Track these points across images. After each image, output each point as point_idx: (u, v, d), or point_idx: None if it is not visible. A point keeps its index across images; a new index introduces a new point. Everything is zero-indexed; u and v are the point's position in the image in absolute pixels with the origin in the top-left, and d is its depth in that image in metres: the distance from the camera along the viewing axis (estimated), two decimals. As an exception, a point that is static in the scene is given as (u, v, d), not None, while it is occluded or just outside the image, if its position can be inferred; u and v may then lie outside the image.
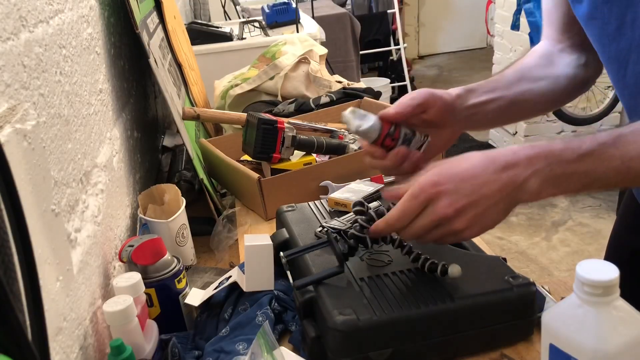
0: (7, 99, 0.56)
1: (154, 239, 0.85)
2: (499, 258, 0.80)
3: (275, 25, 2.64)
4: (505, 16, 3.84)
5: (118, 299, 0.72)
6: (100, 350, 0.75)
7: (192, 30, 2.14)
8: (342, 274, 0.76)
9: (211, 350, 0.76)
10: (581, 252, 2.78)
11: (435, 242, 0.68)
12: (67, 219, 0.70)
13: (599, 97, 3.59)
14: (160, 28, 1.49)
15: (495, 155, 0.65)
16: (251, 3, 3.78)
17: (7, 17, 0.59)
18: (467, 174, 0.64)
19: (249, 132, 1.23)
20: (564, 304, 0.53)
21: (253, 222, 1.17)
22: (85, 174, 0.81)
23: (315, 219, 0.94)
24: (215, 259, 1.08)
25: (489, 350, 0.73)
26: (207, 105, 1.83)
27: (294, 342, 0.79)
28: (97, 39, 1.02)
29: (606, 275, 0.49)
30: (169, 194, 1.07)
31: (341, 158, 1.23)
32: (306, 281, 0.76)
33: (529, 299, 0.73)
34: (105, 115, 0.99)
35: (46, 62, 0.70)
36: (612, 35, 0.75)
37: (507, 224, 3.09)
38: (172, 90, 1.34)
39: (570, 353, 0.52)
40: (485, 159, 0.65)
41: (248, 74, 1.72)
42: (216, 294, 0.87)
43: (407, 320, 0.69)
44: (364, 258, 0.79)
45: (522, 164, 0.63)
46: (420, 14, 6.23)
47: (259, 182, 1.13)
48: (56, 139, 0.70)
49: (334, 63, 3.19)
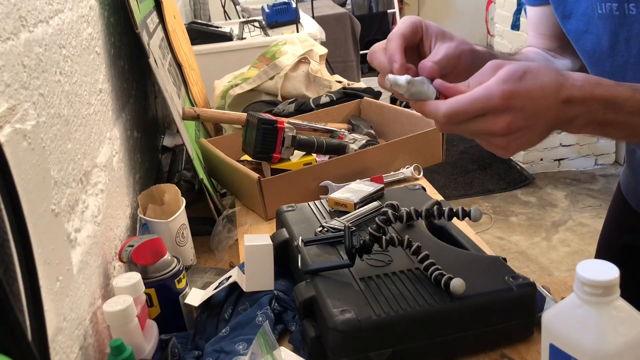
0: (7, 99, 0.56)
1: (154, 239, 0.85)
2: (499, 258, 0.80)
3: (275, 25, 2.64)
4: (506, 16, 3.84)
5: (118, 299, 0.72)
6: (100, 351, 0.75)
7: (192, 30, 2.14)
8: (342, 273, 0.76)
9: (211, 351, 0.76)
10: (581, 252, 2.78)
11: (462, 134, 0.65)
12: (67, 219, 0.70)
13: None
14: (160, 28, 1.49)
15: (564, 83, 0.60)
16: (251, 3, 3.78)
17: (7, 17, 0.59)
18: (536, 94, 0.59)
19: (249, 132, 1.23)
20: (564, 304, 0.53)
21: (253, 222, 1.17)
22: (85, 174, 0.81)
23: (315, 219, 0.94)
24: (215, 259, 1.08)
25: (489, 350, 0.73)
26: (207, 105, 1.83)
27: (294, 342, 0.79)
28: (97, 39, 1.02)
29: (606, 275, 0.49)
30: (169, 194, 1.07)
31: (341, 158, 1.23)
32: (315, 267, 0.77)
33: (529, 299, 0.73)
34: (105, 115, 0.99)
35: (46, 62, 0.70)
36: (606, 52, 0.75)
37: (507, 223, 3.09)
38: (172, 90, 1.34)
39: (570, 353, 0.52)
40: (555, 82, 0.60)
41: (248, 74, 1.72)
42: (216, 294, 0.87)
43: (407, 320, 0.69)
44: (364, 258, 0.79)
45: (582, 103, 0.60)
46: (420, 13, 6.22)
47: (259, 182, 1.13)
48: (56, 139, 0.70)
49: (334, 63, 3.19)
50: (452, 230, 0.89)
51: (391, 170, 1.27)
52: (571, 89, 0.60)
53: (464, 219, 0.79)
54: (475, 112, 0.60)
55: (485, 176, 3.61)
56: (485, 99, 0.59)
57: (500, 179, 3.55)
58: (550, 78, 0.60)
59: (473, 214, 0.77)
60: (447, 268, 0.74)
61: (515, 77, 0.59)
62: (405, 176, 1.26)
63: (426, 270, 0.75)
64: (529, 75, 0.60)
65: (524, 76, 0.60)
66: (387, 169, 1.26)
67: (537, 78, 0.60)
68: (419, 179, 1.26)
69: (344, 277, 0.76)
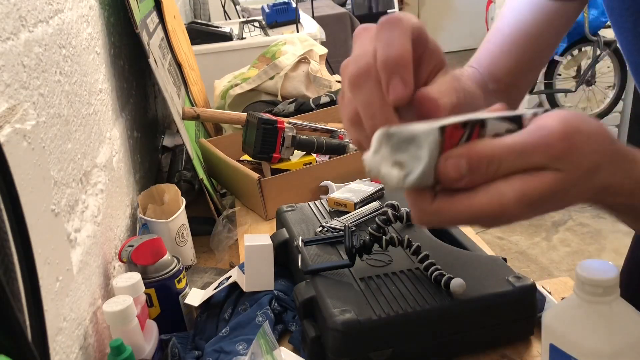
0: (6, 99, 0.56)
1: (153, 239, 0.85)
2: (499, 258, 0.79)
3: (275, 25, 2.64)
4: (505, 16, 3.83)
5: (118, 299, 0.72)
6: (100, 351, 0.75)
7: (192, 30, 2.14)
8: (342, 273, 0.76)
9: (211, 351, 0.76)
10: (581, 252, 2.78)
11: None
12: (66, 219, 0.70)
13: (599, 96, 3.59)
14: (160, 28, 1.49)
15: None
16: (251, 3, 3.78)
17: (6, 17, 0.59)
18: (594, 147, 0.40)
19: (249, 132, 1.23)
20: (564, 304, 0.53)
21: (253, 222, 1.17)
22: (85, 174, 0.81)
23: (315, 219, 0.94)
24: (215, 259, 1.08)
25: (489, 350, 0.73)
26: (207, 105, 1.83)
27: (294, 342, 0.79)
28: (97, 39, 1.02)
29: (606, 275, 0.49)
30: (168, 194, 1.07)
31: (341, 158, 1.23)
32: (315, 267, 0.77)
33: (530, 299, 0.73)
34: (105, 115, 0.99)
35: (46, 62, 0.70)
36: None
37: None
38: (172, 90, 1.34)
39: (570, 353, 0.52)
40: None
41: (248, 74, 1.72)
42: (216, 294, 0.87)
43: (408, 320, 0.69)
44: (364, 258, 0.79)
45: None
46: (420, 13, 6.23)
47: (259, 182, 1.13)
48: (56, 138, 0.70)
49: (334, 63, 3.18)
50: (452, 230, 0.89)
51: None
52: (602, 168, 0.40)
53: (464, 219, 0.78)
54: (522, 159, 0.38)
55: (485, 176, 3.60)
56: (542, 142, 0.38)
57: (500, 179, 3.55)
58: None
59: None
60: (447, 268, 0.73)
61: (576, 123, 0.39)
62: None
63: (426, 270, 0.75)
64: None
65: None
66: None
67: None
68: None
69: (344, 277, 0.76)
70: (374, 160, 0.38)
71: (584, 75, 3.50)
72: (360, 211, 0.95)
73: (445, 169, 0.37)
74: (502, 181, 0.38)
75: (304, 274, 0.78)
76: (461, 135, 0.38)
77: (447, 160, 0.38)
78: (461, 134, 0.38)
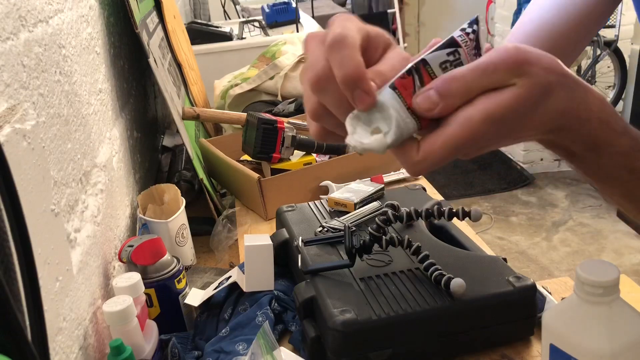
0: (6, 99, 0.56)
1: (153, 239, 0.85)
2: (500, 258, 0.79)
3: (275, 25, 2.64)
4: (506, 16, 3.84)
5: (118, 299, 0.72)
6: (100, 351, 0.75)
7: (192, 30, 2.14)
8: (342, 273, 0.76)
9: (211, 351, 0.76)
10: (581, 252, 2.78)
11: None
12: (66, 219, 0.70)
13: (599, 97, 3.58)
14: (160, 28, 1.49)
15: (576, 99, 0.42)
16: (251, 3, 3.79)
17: (6, 17, 0.59)
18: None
19: (249, 132, 1.23)
20: (564, 304, 0.53)
21: (253, 222, 1.17)
22: (84, 174, 0.81)
23: (315, 219, 0.94)
24: (215, 259, 1.08)
25: (489, 350, 0.73)
26: (207, 105, 1.83)
27: (294, 342, 0.79)
28: (97, 39, 1.01)
29: (606, 275, 0.49)
30: (168, 194, 1.07)
31: (341, 158, 1.23)
32: (315, 267, 0.77)
33: (530, 299, 0.73)
34: (104, 115, 0.99)
35: (46, 61, 0.70)
36: None
37: (508, 223, 3.09)
38: (172, 90, 1.34)
39: (570, 353, 0.51)
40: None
41: (248, 74, 1.72)
42: (216, 294, 0.87)
43: (408, 320, 0.69)
44: (364, 258, 0.79)
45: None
46: (420, 13, 6.22)
47: (259, 182, 1.13)
48: (55, 138, 0.70)
49: (334, 63, 3.18)
50: (452, 230, 0.89)
51: (391, 170, 1.27)
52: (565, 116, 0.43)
53: (464, 219, 0.78)
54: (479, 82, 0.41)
55: (485, 176, 3.61)
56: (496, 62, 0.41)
57: (501, 179, 3.55)
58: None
59: (473, 214, 0.76)
60: (447, 268, 0.73)
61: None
62: (406, 176, 1.26)
63: (426, 270, 0.75)
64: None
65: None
66: (387, 168, 1.26)
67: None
68: (419, 179, 1.26)
69: (344, 277, 0.76)
70: (354, 139, 0.44)
71: (584, 75, 3.50)
72: (360, 211, 0.95)
73: (418, 105, 0.42)
74: (468, 106, 0.41)
75: (304, 274, 0.78)
76: (413, 82, 0.43)
77: (418, 97, 0.42)
78: (412, 81, 0.43)
